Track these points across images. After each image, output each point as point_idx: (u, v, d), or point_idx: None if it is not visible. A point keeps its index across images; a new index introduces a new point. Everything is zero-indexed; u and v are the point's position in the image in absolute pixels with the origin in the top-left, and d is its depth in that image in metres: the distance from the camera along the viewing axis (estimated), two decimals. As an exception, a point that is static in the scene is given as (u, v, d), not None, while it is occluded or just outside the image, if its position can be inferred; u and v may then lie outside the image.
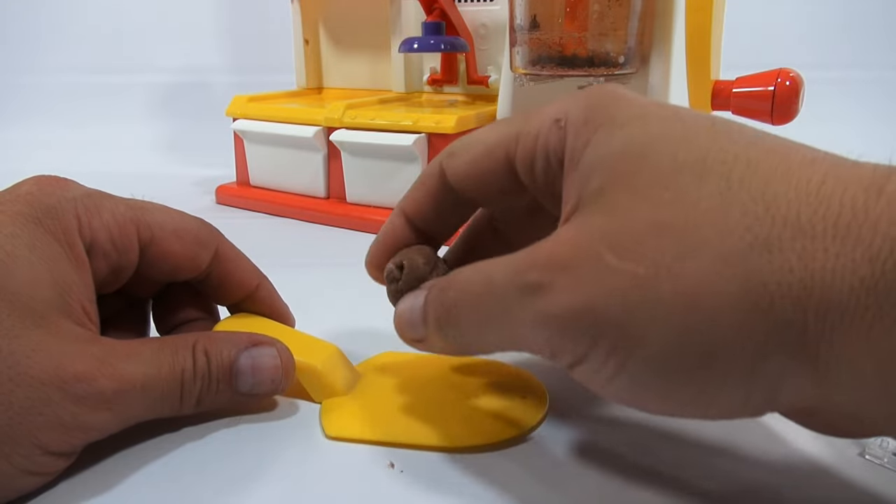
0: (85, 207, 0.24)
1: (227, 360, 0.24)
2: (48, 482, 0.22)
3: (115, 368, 0.22)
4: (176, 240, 0.26)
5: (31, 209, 0.23)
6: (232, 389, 0.25)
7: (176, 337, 0.25)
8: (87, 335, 0.23)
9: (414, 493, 0.22)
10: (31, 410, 0.20)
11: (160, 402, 0.23)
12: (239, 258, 0.29)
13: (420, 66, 0.60)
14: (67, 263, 0.23)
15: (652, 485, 0.22)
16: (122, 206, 0.25)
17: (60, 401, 0.20)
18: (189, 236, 0.26)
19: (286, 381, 0.26)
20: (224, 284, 0.28)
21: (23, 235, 0.22)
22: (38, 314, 0.21)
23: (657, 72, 0.45)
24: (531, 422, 0.25)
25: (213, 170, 0.68)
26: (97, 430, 0.22)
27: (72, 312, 0.22)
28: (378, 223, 0.50)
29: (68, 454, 0.22)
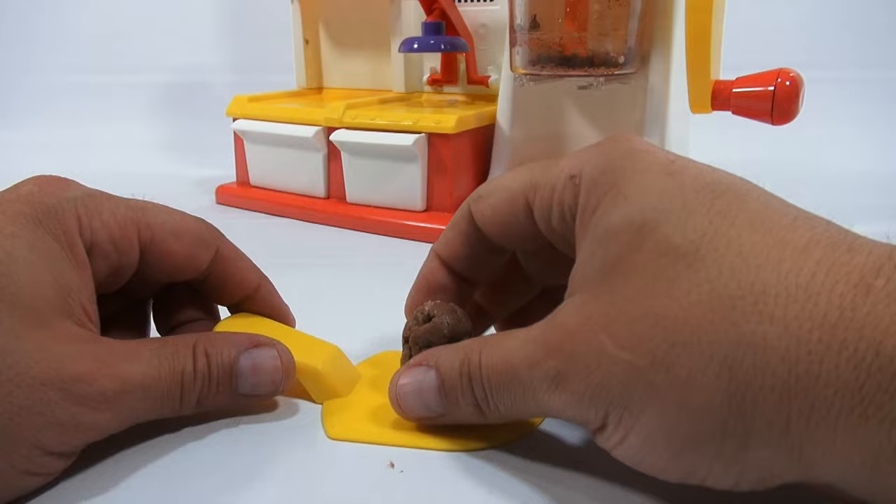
0: (85, 208, 0.24)
1: (228, 362, 0.24)
2: (48, 482, 0.22)
3: (116, 369, 0.22)
4: (176, 240, 0.26)
5: (31, 209, 0.23)
6: (232, 390, 0.25)
7: (176, 338, 0.25)
8: (88, 336, 0.22)
9: (414, 493, 0.22)
10: (32, 411, 0.20)
11: (160, 402, 0.23)
12: (239, 258, 0.29)
13: (420, 66, 0.60)
14: (68, 264, 0.23)
15: (652, 485, 0.22)
16: (123, 207, 0.25)
17: (61, 401, 0.20)
18: (189, 236, 0.26)
19: (286, 383, 0.26)
20: (224, 285, 0.28)
21: (23, 236, 0.22)
22: (38, 315, 0.21)
23: (657, 72, 0.45)
24: (532, 424, 0.25)
25: (213, 170, 0.68)
26: (97, 430, 0.22)
27: (72, 313, 0.22)
28: (378, 223, 0.51)
29: (68, 454, 0.22)
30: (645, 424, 0.19)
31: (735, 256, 0.18)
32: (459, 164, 0.50)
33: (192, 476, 0.23)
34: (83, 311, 0.23)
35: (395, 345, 0.30)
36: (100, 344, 0.22)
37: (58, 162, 0.79)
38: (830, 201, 0.64)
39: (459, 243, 0.26)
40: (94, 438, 0.22)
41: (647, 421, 0.18)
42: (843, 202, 0.59)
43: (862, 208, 0.56)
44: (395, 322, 0.28)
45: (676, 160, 0.21)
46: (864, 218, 0.54)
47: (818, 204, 0.64)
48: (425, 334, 0.25)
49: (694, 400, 0.17)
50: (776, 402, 0.16)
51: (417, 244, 0.48)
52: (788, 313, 0.17)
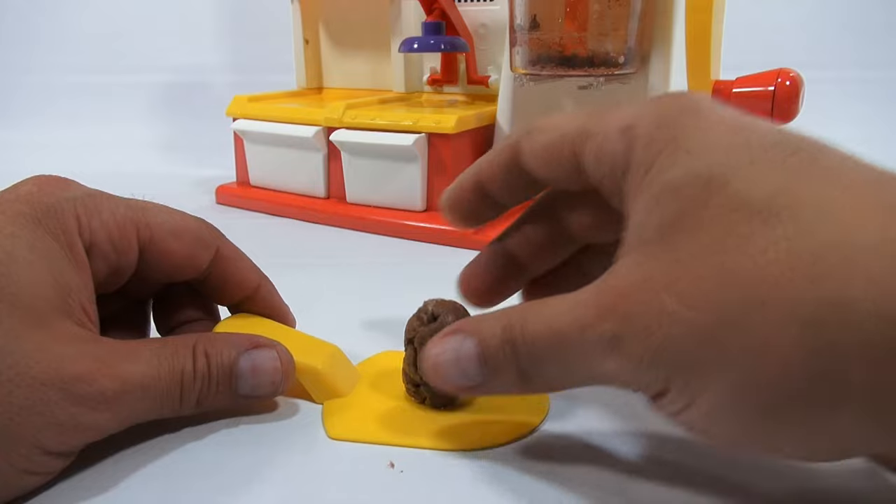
0: (85, 207, 0.24)
1: (228, 362, 0.24)
2: (47, 482, 0.22)
3: (115, 369, 0.22)
4: (175, 240, 0.26)
5: (31, 209, 0.23)
6: (232, 391, 0.25)
7: (176, 338, 0.25)
8: (88, 335, 0.23)
9: (414, 493, 0.22)
10: (31, 410, 0.20)
11: (160, 402, 0.23)
12: (239, 258, 0.29)
13: (420, 66, 0.60)
14: (67, 264, 0.23)
15: (652, 486, 0.22)
16: (122, 207, 0.25)
17: (60, 401, 0.20)
18: (189, 236, 0.26)
19: (285, 384, 0.26)
20: (224, 285, 0.28)
21: (23, 236, 0.22)
22: (38, 315, 0.21)
23: (657, 72, 0.45)
24: (532, 423, 0.25)
25: (213, 170, 0.68)
26: (96, 430, 0.22)
27: (72, 313, 0.22)
28: (378, 223, 0.51)
29: (67, 454, 0.22)
30: (714, 390, 0.17)
31: (814, 213, 0.16)
32: (459, 164, 0.50)
33: (191, 476, 0.23)
34: (83, 310, 0.23)
35: (395, 345, 0.30)
36: (100, 344, 0.22)
37: (58, 162, 0.79)
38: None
39: (499, 169, 0.25)
40: (94, 438, 0.22)
41: (716, 386, 0.17)
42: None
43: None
44: (396, 322, 0.28)
45: (742, 117, 0.20)
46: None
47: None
48: (433, 333, 0.25)
49: (771, 363, 0.16)
50: (867, 365, 0.15)
51: (418, 244, 0.48)
52: (879, 270, 0.15)
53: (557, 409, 0.26)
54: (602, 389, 0.28)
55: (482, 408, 0.27)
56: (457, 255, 0.46)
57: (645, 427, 0.25)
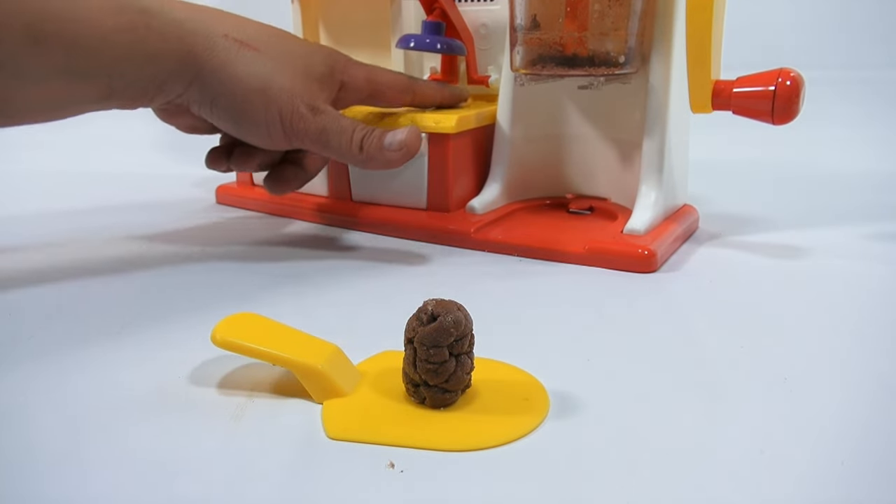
0: (346, 62, 0.46)
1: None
2: (47, 472, 0.22)
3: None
4: (389, 90, 0.48)
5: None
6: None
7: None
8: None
9: (414, 493, 0.22)
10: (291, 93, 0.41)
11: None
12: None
13: (420, 65, 0.60)
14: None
15: (652, 485, 0.22)
16: (363, 70, 0.46)
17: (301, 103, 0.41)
18: (398, 86, 0.48)
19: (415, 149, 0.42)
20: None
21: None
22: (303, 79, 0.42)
23: (657, 72, 0.45)
24: (533, 424, 0.25)
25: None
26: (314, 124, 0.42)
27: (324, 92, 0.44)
28: (378, 223, 0.51)
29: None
30: None
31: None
32: (460, 163, 0.50)
33: (190, 475, 0.23)
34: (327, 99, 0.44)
35: (395, 345, 0.30)
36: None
37: (58, 160, 0.79)
38: (830, 201, 0.64)
39: None
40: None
41: None
42: (842, 202, 0.59)
43: (862, 208, 0.57)
44: (396, 322, 0.28)
45: None
46: (864, 218, 0.55)
47: (818, 204, 0.65)
48: (432, 334, 0.25)
49: None
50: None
51: (418, 244, 0.48)
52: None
53: (557, 410, 0.27)
54: (600, 392, 0.28)
55: (482, 408, 0.27)
56: (457, 255, 0.46)
57: (644, 427, 0.25)
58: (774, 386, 0.28)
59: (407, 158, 0.41)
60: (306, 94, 0.41)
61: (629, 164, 0.50)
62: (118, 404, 0.27)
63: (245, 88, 0.39)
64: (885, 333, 0.34)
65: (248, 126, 0.41)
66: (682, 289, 0.39)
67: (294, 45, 0.43)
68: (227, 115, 0.40)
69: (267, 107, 0.40)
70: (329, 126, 0.41)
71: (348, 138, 0.41)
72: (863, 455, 0.24)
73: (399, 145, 0.41)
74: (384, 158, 0.41)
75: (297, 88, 0.40)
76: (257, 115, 0.40)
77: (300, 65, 0.41)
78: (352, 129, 0.41)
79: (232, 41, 0.39)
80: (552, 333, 0.34)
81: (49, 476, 0.23)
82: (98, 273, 0.42)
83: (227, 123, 0.41)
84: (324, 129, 0.41)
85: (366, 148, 0.41)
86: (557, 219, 0.51)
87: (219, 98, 0.39)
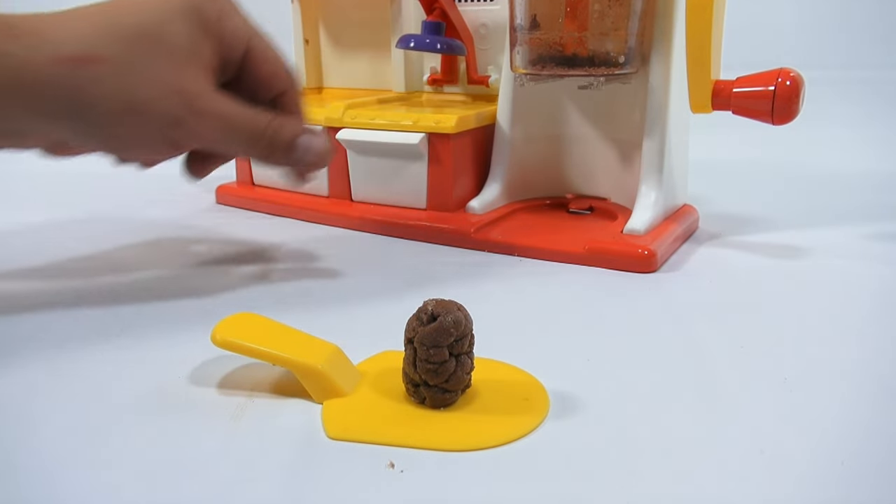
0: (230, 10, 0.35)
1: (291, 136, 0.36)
2: (47, 472, 0.22)
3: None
4: (265, 68, 0.37)
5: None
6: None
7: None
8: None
9: (414, 493, 0.22)
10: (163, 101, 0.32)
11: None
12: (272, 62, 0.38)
13: (420, 65, 0.60)
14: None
15: (652, 485, 0.22)
16: (245, 28, 0.36)
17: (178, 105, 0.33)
18: (277, 72, 0.38)
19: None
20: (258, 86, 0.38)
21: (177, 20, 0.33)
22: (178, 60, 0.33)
23: (657, 72, 0.45)
24: (533, 424, 0.25)
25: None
26: (198, 136, 0.34)
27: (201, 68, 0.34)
28: (378, 223, 0.51)
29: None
30: None
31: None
32: (460, 163, 0.50)
33: (190, 475, 0.23)
34: (209, 69, 0.34)
35: (395, 345, 0.30)
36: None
37: (58, 161, 0.79)
38: (830, 201, 0.64)
39: None
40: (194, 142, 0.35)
41: None
42: (842, 202, 0.59)
43: (862, 208, 0.57)
44: (396, 322, 0.28)
45: None
46: (864, 218, 0.55)
47: (818, 204, 0.65)
48: (432, 334, 0.25)
49: None
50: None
51: (418, 244, 0.48)
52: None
53: (557, 410, 0.27)
54: (600, 392, 0.28)
55: (482, 408, 0.27)
56: (457, 255, 0.46)
57: (644, 427, 0.25)
58: (774, 386, 0.28)
59: (320, 167, 0.37)
60: (181, 91, 0.33)
61: (629, 164, 0.50)
62: (118, 404, 0.27)
63: (107, 118, 0.32)
64: (885, 333, 0.34)
65: (138, 151, 0.35)
66: (682, 289, 0.39)
67: (145, 21, 0.32)
68: (106, 149, 0.35)
69: (142, 127, 0.32)
70: (220, 125, 0.34)
71: (249, 134, 0.35)
72: (863, 455, 0.24)
73: (316, 155, 0.36)
74: (296, 158, 0.36)
75: (168, 88, 0.32)
76: (137, 140, 0.33)
77: (161, 51, 0.32)
78: (252, 123, 0.35)
79: (66, 65, 0.30)
80: (552, 333, 0.34)
81: (49, 476, 0.23)
82: (98, 273, 0.42)
83: (113, 156, 0.36)
84: (216, 129, 0.34)
85: (276, 143, 0.36)
86: (557, 219, 0.51)
87: (87, 134, 0.33)
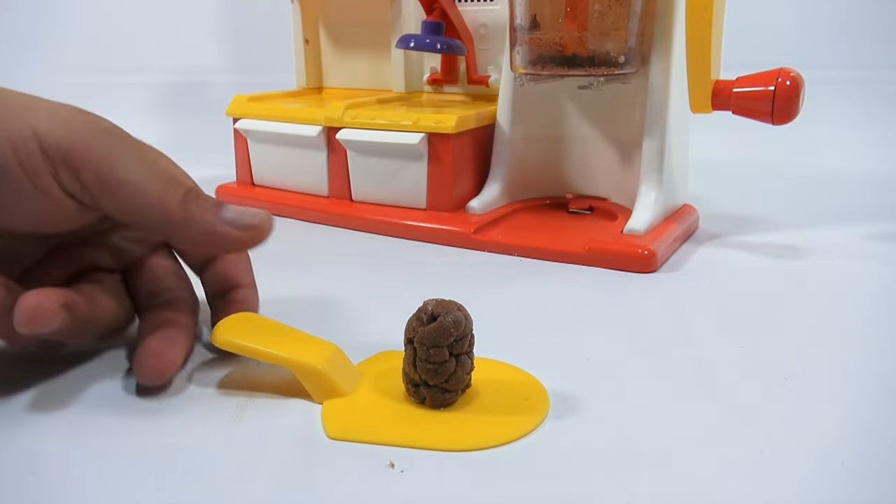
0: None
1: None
2: (46, 473, 0.22)
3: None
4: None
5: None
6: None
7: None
8: None
9: (414, 493, 0.22)
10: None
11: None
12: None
13: (420, 65, 0.60)
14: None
15: (652, 486, 0.22)
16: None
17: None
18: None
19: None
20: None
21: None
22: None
23: (657, 72, 0.45)
24: (533, 424, 0.25)
25: (213, 170, 0.67)
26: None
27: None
28: (378, 223, 0.51)
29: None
30: None
31: None
32: (459, 163, 0.50)
33: (190, 476, 0.23)
34: None
35: (395, 345, 0.30)
36: None
37: None
38: (830, 201, 0.64)
39: None
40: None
41: None
42: (842, 202, 0.59)
43: (862, 208, 0.57)
44: (396, 322, 0.28)
45: None
46: (864, 218, 0.55)
47: (818, 204, 0.64)
48: (432, 334, 0.25)
49: None
50: None
51: (418, 244, 0.48)
52: None
53: (557, 410, 0.27)
54: (600, 392, 0.28)
55: (482, 408, 0.27)
56: (457, 255, 0.46)
57: (644, 427, 0.25)
58: (774, 386, 0.28)
59: (252, 244, 0.30)
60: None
61: (629, 164, 0.50)
62: (118, 405, 0.27)
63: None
64: (885, 333, 0.34)
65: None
66: (682, 289, 0.39)
67: None
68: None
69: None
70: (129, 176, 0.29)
71: (161, 186, 0.30)
72: (863, 455, 0.24)
73: (245, 226, 0.29)
74: (216, 230, 0.29)
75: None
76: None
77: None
78: (166, 174, 0.30)
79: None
80: (552, 333, 0.34)
81: (48, 476, 0.23)
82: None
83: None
84: (122, 180, 0.28)
85: (189, 208, 0.30)
86: (557, 219, 0.51)
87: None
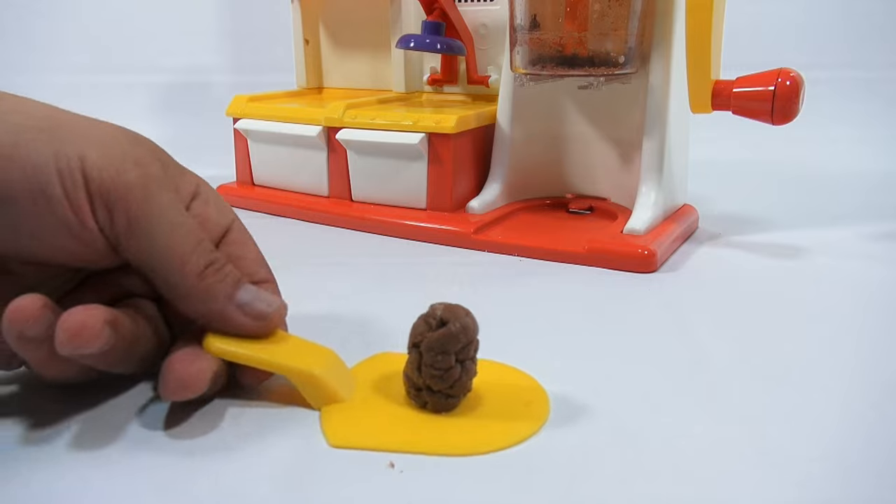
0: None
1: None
2: (46, 473, 0.22)
3: None
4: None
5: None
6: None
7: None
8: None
9: (414, 494, 0.22)
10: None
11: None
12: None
13: (420, 65, 0.60)
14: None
15: (652, 487, 0.22)
16: None
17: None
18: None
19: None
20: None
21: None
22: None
23: (657, 72, 0.45)
24: (533, 429, 0.25)
25: (213, 170, 0.67)
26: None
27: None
28: (378, 223, 0.51)
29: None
30: None
31: None
32: (459, 163, 0.50)
33: (190, 482, 0.23)
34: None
35: (395, 345, 0.30)
36: None
37: None
38: (830, 201, 0.64)
39: None
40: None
41: None
42: (842, 202, 0.59)
43: (862, 208, 0.57)
44: (396, 322, 0.28)
45: None
46: (864, 218, 0.55)
47: (818, 204, 0.64)
48: (441, 340, 0.25)
49: None
50: None
51: (418, 244, 0.48)
52: None
53: (557, 411, 0.27)
54: (600, 392, 0.28)
55: (483, 412, 0.27)
56: (457, 255, 0.46)
57: (644, 428, 0.25)
58: (774, 386, 0.28)
59: (256, 334, 0.27)
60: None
61: (629, 164, 0.50)
62: (117, 407, 0.27)
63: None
64: (885, 333, 0.34)
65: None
66: (681, 289, 0.39)
67: None
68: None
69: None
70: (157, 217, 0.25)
71: (187, 249, 0.25)
72: (863, 455, 0.24)
73: (257, 314, 0.27)
74: (224, 313, 0.26)
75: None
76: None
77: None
78: (196, 238, 0.26)
79: None
80: (552, 333, 0.34)
81: (47, 477, 0.23)
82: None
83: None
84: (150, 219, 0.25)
85: (208, 281, 0.26)
86: (557, 219, 0.51)
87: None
